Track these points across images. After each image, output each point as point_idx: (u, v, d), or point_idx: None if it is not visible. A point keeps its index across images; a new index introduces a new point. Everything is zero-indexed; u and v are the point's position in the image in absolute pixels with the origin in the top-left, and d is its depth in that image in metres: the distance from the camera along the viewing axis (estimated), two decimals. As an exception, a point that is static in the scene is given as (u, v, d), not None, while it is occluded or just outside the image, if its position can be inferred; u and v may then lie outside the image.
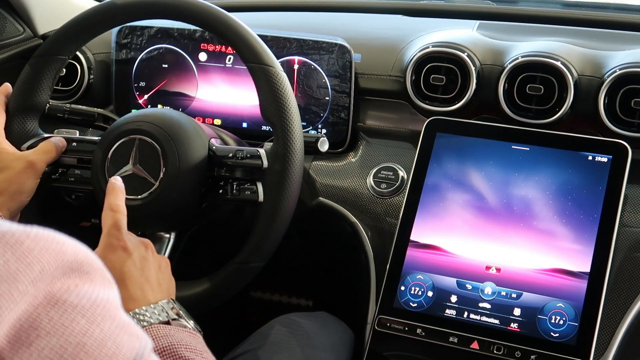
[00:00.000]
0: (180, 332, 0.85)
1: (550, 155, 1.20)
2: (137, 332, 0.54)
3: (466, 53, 1.30)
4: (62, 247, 0.52)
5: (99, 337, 0.50)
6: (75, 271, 0.52)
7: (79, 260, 0.53)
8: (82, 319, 0.50)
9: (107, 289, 0.54)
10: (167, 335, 0.82)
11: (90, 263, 0.54)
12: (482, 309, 1.15)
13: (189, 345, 0.82)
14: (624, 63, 1.24)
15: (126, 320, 0.54)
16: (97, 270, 0.54)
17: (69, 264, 0.52)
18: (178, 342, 0.81)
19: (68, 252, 0.52)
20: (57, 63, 1.20)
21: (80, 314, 0.50)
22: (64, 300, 0.50)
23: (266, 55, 1.13)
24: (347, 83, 1.37)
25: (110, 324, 0.52)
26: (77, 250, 0.53)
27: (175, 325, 0.87)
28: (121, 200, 0.97)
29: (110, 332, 0.51)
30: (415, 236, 1.21)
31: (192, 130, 1.15)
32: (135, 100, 1.47)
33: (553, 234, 1.16)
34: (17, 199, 1.10)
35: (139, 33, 1.45)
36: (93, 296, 0.52)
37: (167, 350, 0.80)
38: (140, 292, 0.89)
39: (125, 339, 0.52)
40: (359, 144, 1.39)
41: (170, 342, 0.81)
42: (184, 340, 0.82)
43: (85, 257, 0.53)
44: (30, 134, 1.20)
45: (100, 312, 0.51)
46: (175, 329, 0.85)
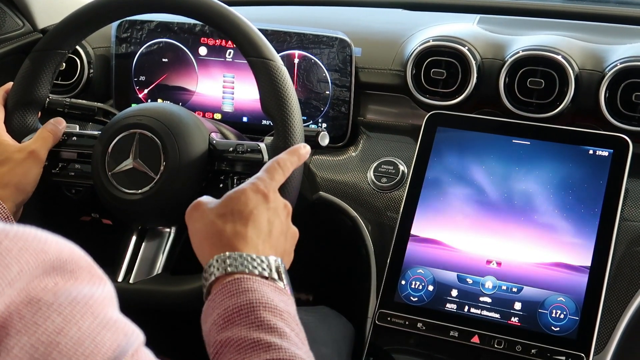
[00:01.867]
0: (270, 288, 0.80)
1: (551, 149, 1.20)
2: (125, 328, 0.53)
3: (467, 47, 1.30)
4: (44, 245, 0.51)
5: (76, 336, 0.49)
6: (57, 270, 0.51)
7: (63, 259, 0.51)
8: (58, 317, 0.49)
9: (94, 286, 0.53)
10: (252, 290, 0.78)
11: (76, 261, 0.53)
12: (483, 303, 1.15)
13: (269, 304, 0.77)
14: (625, 57, 1.23)
15: (112, 317, 0.52)
16: (83, 268, 0.53)
17: (51, 262, 0.51)
18: (258, 299, 0.77)
19: (50, 251, 0.51)
20: (57, 57, 1.20)
21: (56, 312, 0.49)
22: (39, 299, 0.49)
23: (267, 49, 1.13)
24: (348, 77, 1.36)
25: (91, 322, 0.50)
26: (61, 248, 0.52)
27: (271, 284, 0.82)
28: (292, 164, 0.97)
29: (89, 330, 0.50)
30: (415, 230, 1.21)
31: (192, 124, 1.15)
32: (135, 94, 1.47)
33: (554, 228, 1.16)
34: (23, 190, 1.10)
35: (139, 27, 1.44)
36: (73, 294, 0.50)
37: (245, 308, 0.76)
38: (256, 238, 0.86)
39: (107, 337, 0.51)
40: (360, 138, 1.39)
41: (250, 299, 0.77)
42: (266, 298, 0.78)
43: (70, 255, 0.52)
44: (31, 128, 1.19)
45: (80, 309, 0.50)
46: (265, 284, 0.80)
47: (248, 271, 0.81)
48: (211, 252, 0.84)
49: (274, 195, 0.91)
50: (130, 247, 1.16)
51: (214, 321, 0.77)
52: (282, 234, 0.91)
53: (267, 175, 0.93)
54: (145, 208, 1.11)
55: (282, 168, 0.95)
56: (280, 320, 0.77)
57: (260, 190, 0.90)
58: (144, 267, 1.15)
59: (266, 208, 0.89)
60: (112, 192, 1.12)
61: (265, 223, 0.88)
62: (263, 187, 0.91)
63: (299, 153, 0.99)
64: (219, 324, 0.77)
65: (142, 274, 1.14)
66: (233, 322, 0.76)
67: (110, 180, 1.12)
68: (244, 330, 0.74)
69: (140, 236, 1.17)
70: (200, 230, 0.88)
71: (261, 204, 0.89)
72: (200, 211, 0.89)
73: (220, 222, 0.87)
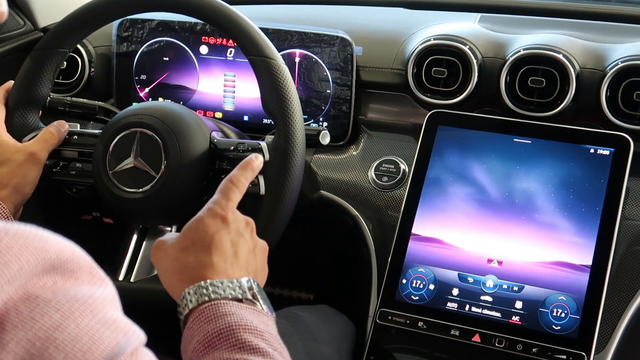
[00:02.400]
0: (247, 310, 0.80)
1: (552, 148, 1.20)
2: (126, 327, 0.53)
3: (468, 46, 1.30)
4: (45, 244, 0.51)
5: (74, 332, 0.49)
6: (58, 269, 0.51)
7: (63, 258, 0.51)
8: (56, 313, 0.49)
9: (94, 287, 0.52)
10: (230, 314, 0.77)
11: (77, 261, 0.52)
12: (484, 302, 1.15)
13: (249, 326, 0.76)
14: (626, 56, 1.23)
15: (111, 317, 0.52)
16: (84, 268, 0.53)
17: (52, 262, 0.51)
18: (237, 322, 0.76)
19: (51, 250, 0.51)
20: (58, 56, 1.20)
21: (54, 308, 0.49)
22: (37, 296, 0.49)
23: (268, 48, 1.13)
24: (349, 76, 1.36)
25: (90, 320, 0.50)
26: (62, 247, 0.52)
27: (247, 305, 0.81)
28: (247, 179, 0.94)
29: (88, 327, 0.50)
30: (416, 229, 1.21)
31: (193, 123, 1.15)
32: (136, 93, 1.47)
33: (555, 227, 1.16)
34: (21, 191, 1.10)
35: (140, 26, 1.44)
36: (72, 292, 0.50)
37: (224, 332, 0.75)
38: (223, 263, 0.85)
39: (106, 335, 0.51)
40: (361, 137, 1.39)
41: (228, 322, 0.76)
42: (245, 320, 0.77)
43: (71, 255, 0.52)
44: (31, 127, 1.19)
45: (79, 307, 0.50)
46: (241, 307, 0.79)
47: (222, 296, 0.80)
48: (181, 287, 0.82)
49: (233, 216, 0.90)
50: (131, 246, 1.16)
51: (194, 348, 0.76)
52: (250, 252, 0.90)
53: (222, 197, 0.91)
54: (146, 207, 1.11)
55: (236, 186, 0.92)
56: (261, 341, 0.76)
57: (217, 214, 0.89)
58: (145, 266, 1.15)
59: (227, 231, 0.88)
60: (113, 190, 1.12)
61: (229, 246, 0.87)
62: (220, 210, 0.89)
63: (252, 166, 0.96)
64: (199, 350, 0.76)
65: (143, 272, 1.14)
66: (214, 346, 0.75)
67: (111, 179, 1.12)
68: (226, 352, 0.74)
69: (141, 235, 1.17)
70: (167, 268, 0.86)
71: (221, 228, 0.88)
72: (163, 250, 0.88)
73: (183, 255, 0.85)
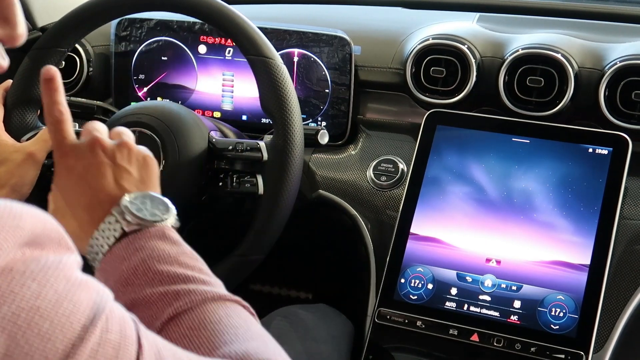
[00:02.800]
0: (143, 239, 0.75)
1: (550, 147, 1.20)
2: (96, 286, 0.53)
3: (466, 45, 1.30)
4: (20, 222, 0.51)
5: (54, 298, 0.49)
6: (30, 244, 0.51)
7: (36, 234, 0.52)
8: (33, 282, 0.49)
9: (60, 255, 0.53)
10: (142, 249, 0.74)
11: (47, 234, 0.53)
12: (482, 301, 1.15)
13: (162, 256, 0.73)
14: (624, 55, 1.23)
15: (83, 278, 0.53)
16: (53, 240, 0.53)
17: (26, 239, 0.51)
18: (149, 255, 0.72)
19: (26, 227, 0.51)
20: (56, 55, 1.20)
21: (30, 278, 0.49)
22: (11, 268, 0.49)
23: (266, 48, 1.13)
24: (347, 75, 1.36)
25: (65, 284, 0.51)
26: (35, 222, 0.52)
27: (134, 234, 0.75)
28: (62, 100, 0.85)
29: (65, 291, 0.50)
30: (415, 229, 1.21)
31: (191, 122, 1.15)
32: (134, 92, 1.47)
33: (553, 227, 1.16)
34: (19, 191, 1.10)
35: (138, 25, 1.44)
36: (42, 261, 0.50)
37: (140, 268, 0.72)
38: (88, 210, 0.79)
39: (82, 296, 0.51)
40: (359, 136, 1.39)
41: (142, 258, 0.73)
42: (157, 252, 0.73)
43: (43, 229, 0.53)
44: (30, 126, 1.19)
45: (53, 273, 0.50)
46: (134, 241, 0.74)
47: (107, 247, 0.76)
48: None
49: (71, 150, 0.84)
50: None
51: (113, 289, 0.69)
52: (115, 168, 0.82)
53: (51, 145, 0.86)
54: (145, 206, 1.11)
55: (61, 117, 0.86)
56: (178, 267, 0.73)
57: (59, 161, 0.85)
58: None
59: (74, 172, 0.83)
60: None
61: (84, 185, 0.81)
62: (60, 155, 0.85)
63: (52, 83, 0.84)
64: (119, 289, 0.73)
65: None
66: (132, 283, 0.72)
67: (109, 178, 1.12)
68: (147, 288, 0.71)
69: (140, 234, 1.16)
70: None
71: (65, 173, 0.84)
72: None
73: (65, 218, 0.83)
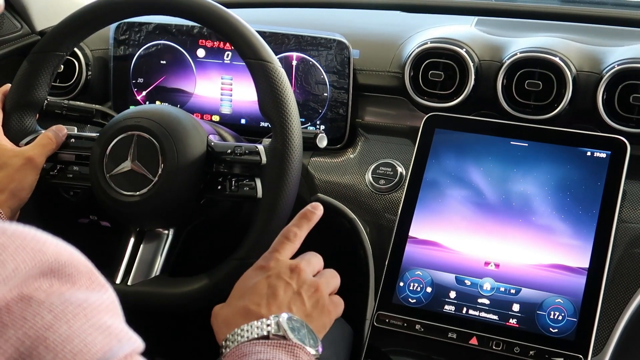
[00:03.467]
0: (273, 347, 0.77)
1: (548, 151, 1.20)
2: (120, 334, 0.52)
3: (465, 49, 1.30)
4: (42, 246, 0.50)
5: (65, 334, 0.48)
6: (55, 272, 0.50)
7: (61, 262, 0.51)
8: (48, 314, 0.48)
9: (93, 292, 0.51)
10: (251, 354, 0.76)
11: (75, 265, 0.52)
12: (481, 304, 1.15)
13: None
14: (622, 59, 1.23)
15: (107, 323, 0.51)
16: (82, 273, 0.52)
17: (49, 264, 0.50)
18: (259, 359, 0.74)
19: (48, 253, 0.50)
20: (55, 59, 1.20)
21: (46, 309, 0.48)
22: (31, 297, 0.48)
23: (264, 51, 1.13)
24: (346, 79, 1.37)
25: (83, 323, 0.49)
26: (60, 251, 0.51)
27: (274, 340, 0.79)
28: (301, 230, 0.93)
29: (80, 330, 0.49)
30: (414, 232, 1.21)
31: (190, 126, 1.15)
32: (133, 96, 1.47)
33: (552, 230, 1.16)
34: (18, 195, 1.10)
35: (137, 29, 1.44)
36: (67, 296, 0.49)
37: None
38: (256, 307, 0.84)
39: (98, 339, 0.49)
40: (358, 140, 1.39)
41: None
42: (267, 356, 0.75)
43: (70, 259, 0.51)
44: (29, 130, 1.19)
45: (72, 310, 0.49)
46: (267, 344, 0.77)
47: (248, 338, 0.79)
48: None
49: (275, 263, 0.89)
50: (128, 249, 1.16)
51: None
52: (294, 293, 0.87)
53: (270, 250, 0.92)
54: (144, 210, 1.11)
55: (287, 237, 0.92)
56: None
57: (259, 265, 0.90)
58: (142, 269, 1.15)
59: (265, 276, 0.88)
60: (110, 194, 1.12)
61: (265, 289, 0.86)
62: (262, 262, 0.90)
63: (307, 216, 0.94)
64: None
65: (140, 275, 1.14)
66: None
67: (108, 182, 1.12)
68: None
69: (139, 238, 1.17)
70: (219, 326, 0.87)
71: (259, 274, 0.88)
72: (215, 313, 0.88)
73: (226, 310, 0.86)
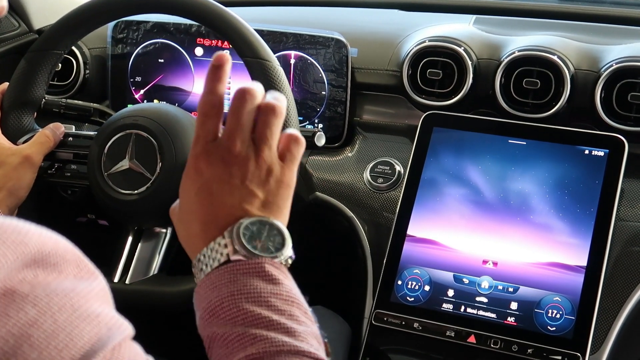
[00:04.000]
0: (238, 276, 0.69)
1: (547, 149, 1.20)
2: (110, 322, 0.51)
3: (463, 47, 1.30)
4: (24, 238, 0.50)
5: (50, 329, 0.47)
6: (39, 262, 0.49)
7: (45, 252, 0.50)
8: (32, 309, 0.47)
9: (81, 280, 0.51)
10: (217, 286, 0.69)
11: (61, 254, 0.51)
12: (479, 303, 1.15)
13: (250, 292, 0.68)
14: (620, 57, 1.23)
15: (95, 311, 0.50)
16: (69, 261, 0.51)
17: (32, 255, 0.49)
18: (239, 290, 0.67)
19: (31, 244, 0.49)
20: (53, 58, 1.20)
21: (30, 303, 0.47)
22: (14, 291, 0.47)
23: (263, 50, 1.13)
24: (344, 77, 1.36)
25: (69, 315, 0.48)
26: (44, 240, 0.50)
27: (234, 263, 0.69)
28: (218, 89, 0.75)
29: (66, 323, 0.48)
30: (412, 230, 1.21)
31: (188, 125, 1.15)
32: (131, 95, 1.47)
33: (550, 228, 1.16)
34: (16, 194, 1.10)
35: (135, 28, 1.44)
36: (52, 286, 0.48)
37: (218, 307, 0.68)
38: (205, 225, 0.74)
39: (86, 330, 0.49)
40: (356, 138, 1.39)
41: (216, 298, 0.68)
42: (240, 288, 0.68)
43: (55, 248, 0.51)
44: (27, 129, 1.19)
45: (58, 302, 0.48)
46: (228, 273, 0.69)
47: (209, 270, 0.71)
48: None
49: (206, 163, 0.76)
50: (126, 248, 1.16)
51: (200, 316, 0.71)
52: (243, 190, 0.73)
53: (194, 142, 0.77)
54: (142, 209, 1.11)
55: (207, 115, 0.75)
56: (265, 309, 0.68)
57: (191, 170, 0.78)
58: (140, 268, 1.15)
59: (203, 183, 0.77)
60: (108, 192, 1.12)
61: (208, 203, 0.75)
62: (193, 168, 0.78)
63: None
64: (205, 318, 0.70)
65: (138, 274, 1.14)
66: (217, 316, 0.69)
67: (106, 180, 1.12)
68: (229, 325, 0.68)
69: (137, 237, 1.17)
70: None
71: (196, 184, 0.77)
72: None
73: (182, 226, 0.80)
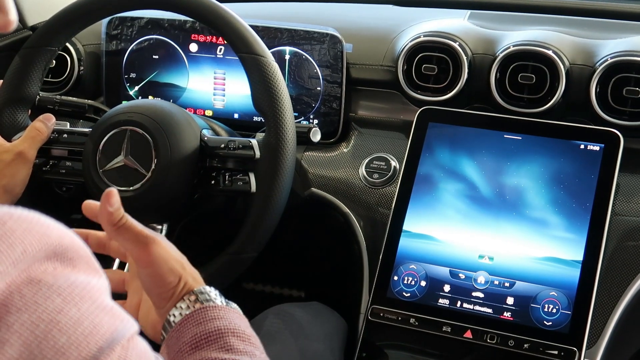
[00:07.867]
0: (231, 313, 0.80)
1: (542, 144, 1.20)
2: (122, 315, 0.54)
3: (458, 42, 1.30)
4: (47, 230, 0.51)
5: (75, 316, 0.50)
6: (59, 256, 0.51)
7: (64, 246, 0.52)
8: (58, 297, 0.49)
9: (90, 276, 0.53)
10: (219, 318, 0.78)
11: (76, 250, 0.53)
12: (475, 298, 1.15)
13: (237, 331, 0.77)
14: (615, 52, 1.24)
15: (109, 304, 0.53)
16: (82, 258, 0.53)
17: (53, 247, 0.51)
18: (226, 326, 0.77)
19: (52, 236, 0.51)
20: (47, 54, 1.19)
21: (56, 292, 0.49)
22: (39, 280, 0.49)
23: (258, 45, 1.13)
24: (339, 73, 1.36)
25: (90, 305, 0.51)
26: (63, 235, 0.53)
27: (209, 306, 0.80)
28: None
29: (88, 312, 0.51)
30: (408, 226, 1.21)
31: (183, 121, 1.14)
32: (125, 91, 1.46)
33: (545, 223, 1.16)
34: (11, 191, 1.10)
35: (129, 24, 1.44)
36: (72, 279, 0.51)
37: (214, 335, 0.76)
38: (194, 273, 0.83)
39: (105, 320, 0.51)
40: (351, 134, 1.39)
41: (218, 326, 0.77)
42: (233, 325, 0.77)
43: (71, 244, 0.53)
44: (21, 125, 1.19)
45: (79, 293, 0.51)
46: (227, 310, 0.80)
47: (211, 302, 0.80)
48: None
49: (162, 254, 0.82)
50: (122, 245, 1.15)
51: (179, 349, 0.76)
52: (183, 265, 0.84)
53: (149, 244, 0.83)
54: (137, 205, 1.11)
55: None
56: (249, 345, 0.77)
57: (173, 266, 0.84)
58: (136, 265, 1.14)
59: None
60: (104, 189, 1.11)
61: (175, 280, 0.82)
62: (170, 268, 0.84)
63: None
64: (185, 350, 0.75)
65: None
66: (201, 347, 0.75)
67: (101, 177, 1.12)
68: (214, 352, 0.74)
69: (132, 233, 1.16)
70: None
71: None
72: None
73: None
